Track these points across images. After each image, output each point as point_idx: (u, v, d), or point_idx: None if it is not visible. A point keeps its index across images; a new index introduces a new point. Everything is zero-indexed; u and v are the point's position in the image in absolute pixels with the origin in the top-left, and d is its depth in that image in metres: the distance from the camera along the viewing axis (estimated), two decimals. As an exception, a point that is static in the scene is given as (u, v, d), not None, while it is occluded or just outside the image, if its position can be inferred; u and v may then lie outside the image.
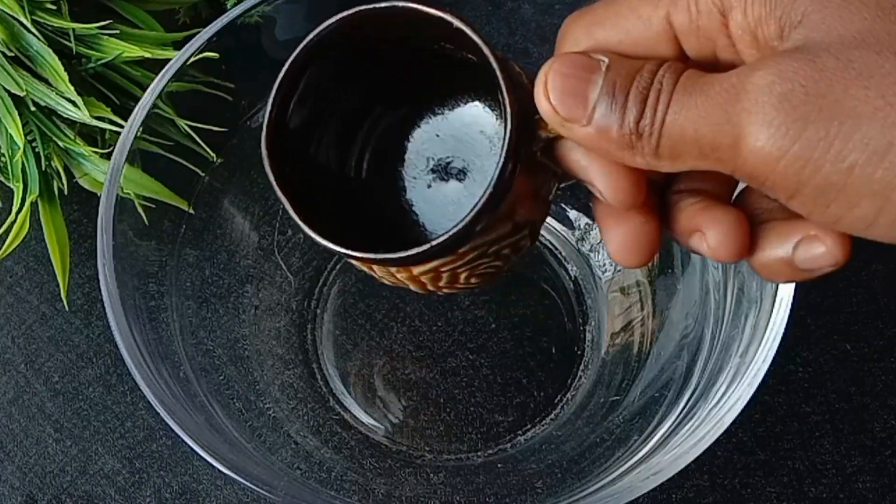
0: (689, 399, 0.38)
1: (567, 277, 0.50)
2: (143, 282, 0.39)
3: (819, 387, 0.47)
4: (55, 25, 0.42)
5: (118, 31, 0.43)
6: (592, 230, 0.48)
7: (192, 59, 0.38)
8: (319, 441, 0.45)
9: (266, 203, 0.46)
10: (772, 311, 0.34)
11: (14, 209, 0.44)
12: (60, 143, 0.44)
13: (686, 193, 0.28)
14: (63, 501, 0.47)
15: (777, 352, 0.34)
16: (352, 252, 0.28)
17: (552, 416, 0.47)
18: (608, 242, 0.29)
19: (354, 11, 0.28)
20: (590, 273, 0.49)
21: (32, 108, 0.43)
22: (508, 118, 0.27)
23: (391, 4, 0.27)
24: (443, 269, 0.29)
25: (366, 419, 0.47)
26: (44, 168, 0.44)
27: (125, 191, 0.38)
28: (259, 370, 0.45)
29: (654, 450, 0.37)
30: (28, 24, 0.41)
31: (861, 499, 0.45)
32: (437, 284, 0.30)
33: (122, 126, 0.38)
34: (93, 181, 0.45)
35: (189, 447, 0.34)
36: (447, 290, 0.31)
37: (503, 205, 0.27)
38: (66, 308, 0.49)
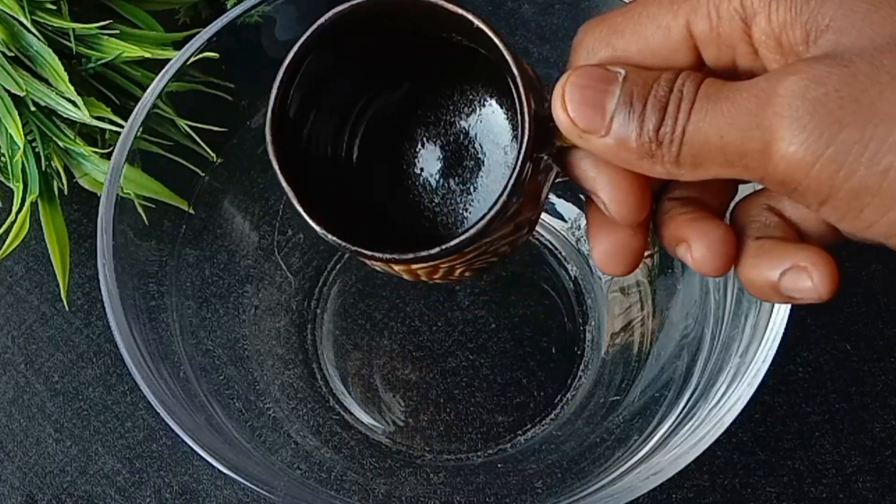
0: (689, 399, 0.38)
1: (567, 277, 0.50)
2: (143, 282, 0.39)
3: (819, 387, 0.47)
4: (55, 25, 0.42)
5: (118, 31, 0.43)
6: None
7: (192, 59, 0.38)
8: (319, 441, 0.45)
9: (266, 203, 0.46)
10: (772, 311, 0.34)
11: (14, 209, 0.44)
12: (60, 143, 0.44)
13: (679, 202, 0.28)
14: (63, 501, 0.47)
15: (777, 352, 0.34)
16: (359, 249, 0.28)
17: (552, 416, 0.47)
18: (594, 249, 0.29)
19: (368, 0, 0.27)
20: (590, 273, 0.49)
21: (32, 108, 0.43)
22: (525, 126, 0.26)
23: None
24: (442, 265, 0.29)
25: (366, 419, 0.47)
26: (44, 168, 0.44)
27: (125, 191, 0.38)
28: (259, 370, 0.45)
29: (654, 450, 0.37)
30: (28, 24, 0.41)
31: (861, 499, 0.45)
32: (432, 277, 0.30)
33: (122, 126, 0.38)
34: (93, 181, 0.45)
35: (189, 447, 0.34)
36: (439, 281, 0.31)
37: (509, 213, 0.28)
38: (66, 308, 0.49)
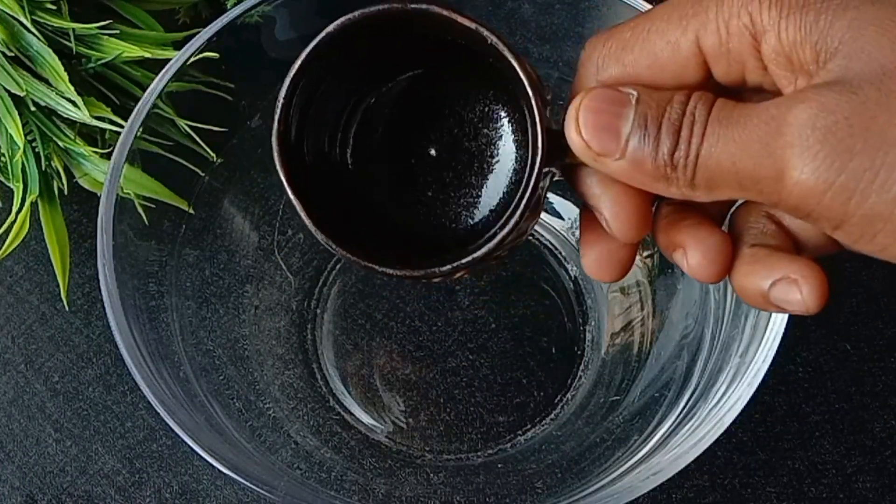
0: (689, 399, 0.38)
1: (567, 277, 0.50)
2: (143, 282, 0.39)
3: (819, 387, 0.47)
4: (55, 25, 0.42)
5: (118, 31, 0.43)
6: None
7: (192, 59, 0.38)
8: (319, 441, 0.45)
9: (266, 203, 0.46)
10: (771, 312, 0.34)
11: (14, 209, 0.44)
12: (60, 143, 0.44)
13: (677, 207, 0.28)
14: (63, 501, 0.47)
15: (777, 352, 0.34)
16: (371, 265, 0.28)
17: (552, 416, 0.47)
18: (584, 256, 0.29)
19: (380, 9, 0.27)
20: (590, 273, 0.49)
21: (32, 108, 0.43)
22: (539, 144, 0.27)
23: (423, 8, 0.27)
24: (445, 274, 0.29)
25: (366, 419, 0.47)
26: (44, 168, 0.44)
27: (125, 191, 0.38)
28: (259, 370, 0.45)
29: (654, 450, 0.37)
30: (28, 24, 0.41)
31: (861, 499, 0.45)
32: (431, 282, 0.30)
33: (122, 126, 0.38)
34: (93, 181, 0.45)
35: (189, 447, 0.34)
36: (437, 282, 0.31)
37: (519, 228, 0.28)
38: (66, 308, 0.49)
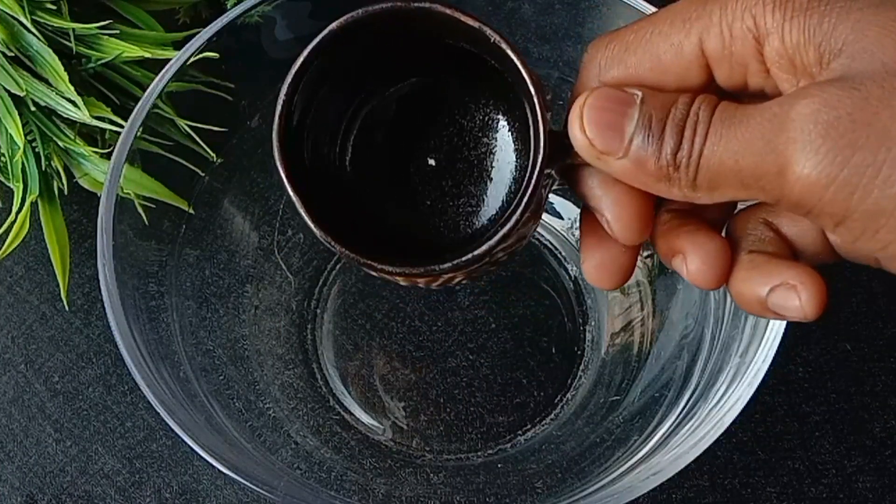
0: (689, 399, 0.38)
1: (567, 277, 0.50)
2: (143, 282, 0.39)
3: (819, 387, 0.47)
4: (55, 25, 0.42)
5: (118, 31, 0.43)
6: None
7: (192, 59, 0.38)
8: (319, 441, 0.45)
9: (266, 203, 0.46)
10: (772, 311, 0.34)
11: (14, 209, 0.44)
12: (60, 143, 0.44)
13: (677, 214, 0.28)
14: (63, 501, 0.47)
15: (777, 352, 0.34)
16: (369, 261, 0.28)
17: (552, 416, 0.47)
18: (585, 261, 0.29)
19: (384, 8, 0.27)
20: (590, 273, 0.49)
21: (32, 108, 0.43)
22: (541, 144, 0.27)
23: (426, 6, 0.27)
24: (443, 276, 0.29)
25: (366, 419, 0.47)
26: (44, 168, 0.44)
27: (125, 191, 0.38)
28: (259, 370, 0.45)
29: (654, 450, 0.37)
30: (28, 24, 0.41)
31: (861, 499, 0.45)
32: (430, 286, 0.30)
33: (122, 126, 0.38)
34: (93, 181, 0.45)
35: (189, 447, 0.34)
36: (435, 289, 0.31)
37: (520, 228, 0.28)
38: (66, 308, 0.49)
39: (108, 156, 0.40)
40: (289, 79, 0.28)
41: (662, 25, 0.26)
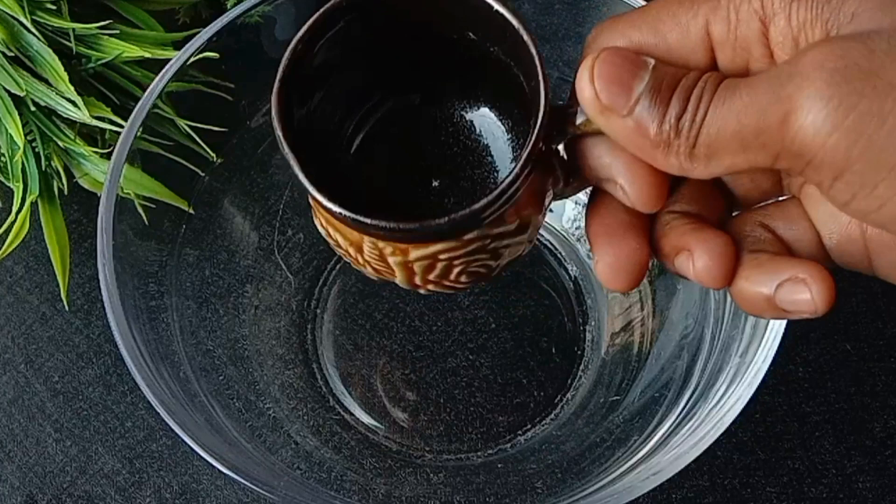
0: (689, 399, 0.38)
1: (567, 277, 0.50)
2: (143, 282, 0.39)
3: (819, 387, 0.47)
4: (55, 25, 0.42)
5: (118, 31, 0.43)
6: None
7: (192, 59, 0.38)
8: (319, 441, 0.45)
9: (266, 203, 0.46)
10: (772, 311, 0.34)
11: (14, 209, 0.44)
12: (60, 143, 0.44)
13: (678, 215, 0.28)
14: (63, 501, 0.47)
15: (777, 352, 0.34)
16: (359, 217, 0.27)
17: (552, 416, 0.47)
18: (598, 262, 0.29)
19: None
20: (590, 273, 0.49)
21: (32, 108, 0.43)
22: (541, 101, 0.26)
23: None
24: (441, 257, 0.28)
25: (366, 419, 0.47)
26: (44, 168, 0.44)
27: (125, 191, 0.38)
28: (259, 370, 0.45)
29: (654, 450, 0.37)
30: (28, 24, 0.41)
31: (861, 499, 0.45)
32: (427, 277, 0.29)
33: (122, 126, 0.38)
34: (93, 181, 0.45)
35: (189, 447, 0.34)
36: (432, 287, 0.30)
37: (519, 195, 0.27)
38: (66, 308, 0.49)
39: (108, 156, 0.40)
40: (292, 46, 0.28)
41: (670, 5, 0.26)
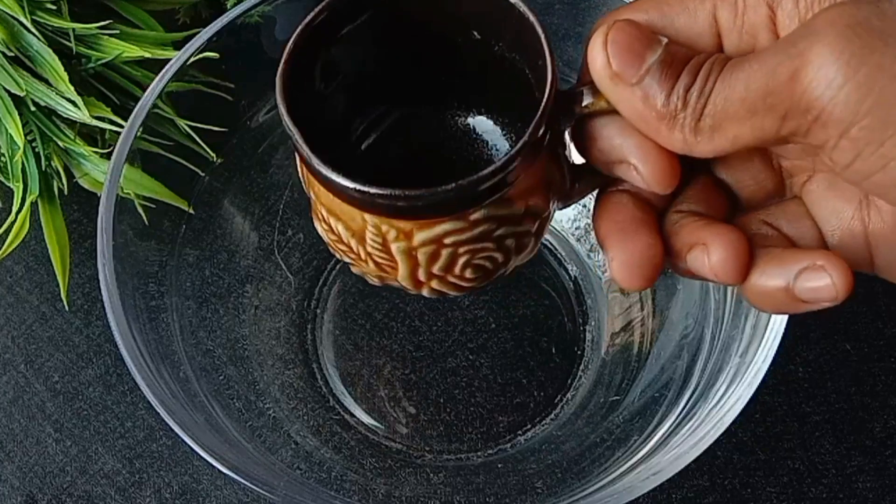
0: (689, 399, 0.38)
1: (567, 277, 0.50)
2: (143, 282, 0.39)
3: (819, 387, 0.47)
4: (55, 25, 0.42)
5: (118, 31, 0.43)
6: (592, 230, 0.48)
7: (192, 59, 0.38)
8: (319, 441, 0.45)
9: (266, 203, 0.46)
10: (772, 311, 0.34)
11: (14, 209, 0.44)
12: (60, 143, 0.44)
13: (686, 214, 0.28)
14: (63, 501, 0.47)
15: (777, 352, 0.34)
16: (362, 187, 0.26)
17: (552, 416, 0.47)
18: (612, 261, 0.28)
19: None
20: (590, 273, 0.49)
21: (32, 108, 0.43)
22: (548, 76, 0.26)
23: None
24: (446, 241, 0.28)
25: (366, 419, 0.47)
26: (44, 168, 0.44)
27: (125, 191, 0.38)
28: (259, 370, 0.45)
29: (654, 450, 0.37)
30: (28, 24, 0.41)
31: (861, 499, 0.45)
32: (430, 270, 0.29)
33: (122, 126, 0.38)
34: (93, 181, 0.45)
35: (189, 447, 0.34)
36: (436, 284, 0.30)
37: (523, 178, 0.27)
38: (66, 308, 0.49)
39: (108, 156, 0.40)
40: (292, 40, 0.28)
41: None
